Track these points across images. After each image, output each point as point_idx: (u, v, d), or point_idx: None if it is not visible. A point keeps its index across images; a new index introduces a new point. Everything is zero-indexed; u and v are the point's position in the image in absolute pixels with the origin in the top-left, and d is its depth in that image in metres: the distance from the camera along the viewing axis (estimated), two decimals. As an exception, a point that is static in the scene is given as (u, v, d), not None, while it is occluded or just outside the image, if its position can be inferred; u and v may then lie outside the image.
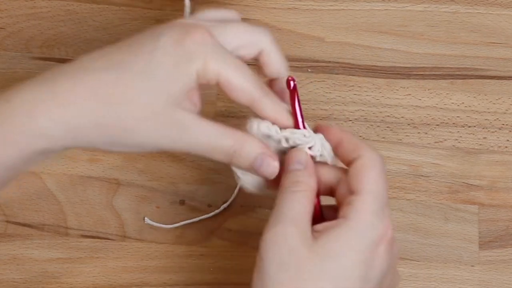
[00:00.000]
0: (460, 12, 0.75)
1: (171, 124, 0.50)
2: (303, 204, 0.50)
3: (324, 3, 0.76)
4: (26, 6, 0.75)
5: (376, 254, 0.49)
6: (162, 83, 0.49)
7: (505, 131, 0.71)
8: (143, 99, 0.49)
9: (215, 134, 0.51)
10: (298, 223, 0.49)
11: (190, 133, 0.50)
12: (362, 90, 0.72)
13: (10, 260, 0.66)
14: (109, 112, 0.49)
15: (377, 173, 0.50)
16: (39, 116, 0.49)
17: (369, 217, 0.49)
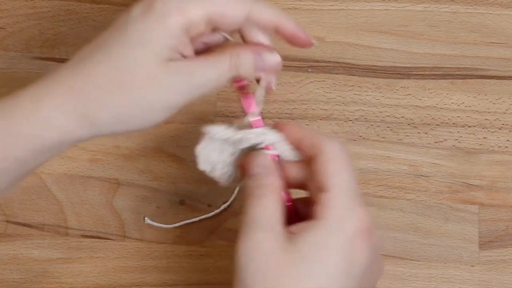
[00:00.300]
0: (460, 12, 0.75)
1: (170, 78, 0.50)
2: (271, 207, 0.49)
3: (324, 3, 0.76)
4: (26, 6, 0.75)
5: (354, 248, 0.48)
6: (145, 48, 0.49)
7: (505, 131, 0.71)
8: (133, 70, 0.49)
9: (210, 65, 0.51)
10: (269, 228, 0.48)
11: (189, 76, 0.50)
12: (362, 90, 0.72)
13: (10, 260, 0.66)
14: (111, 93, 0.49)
15: (339, 166, 0.50)
16: (47, 107, 0.49)
17: (340, 213, 0.48)
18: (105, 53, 0.50)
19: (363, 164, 0.69)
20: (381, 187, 0.69)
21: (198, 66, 0.51)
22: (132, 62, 0.49)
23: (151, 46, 0.49)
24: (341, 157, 0.50)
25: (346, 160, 0.50)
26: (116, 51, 0.50)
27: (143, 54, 0.49)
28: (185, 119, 0.70)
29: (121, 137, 0.70)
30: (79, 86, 0.49)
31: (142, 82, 0.49)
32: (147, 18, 0.50)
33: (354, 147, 0.70)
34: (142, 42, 0.49)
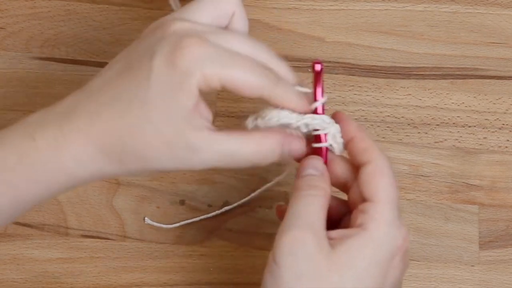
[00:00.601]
0: (460, 12, 0.75)
1: (186, 148, 0.49)
2: (319, 209, 0.49)
3: (324, 3, 0.76)
4: (26, 6, 0.75)
5: (392, 264, 0.48)
6: (165, 108, 0.48)
7: (505, 131, 0.71)
8: (151, 128, 0.48)
9: (231, 148, 0.50)
10: (315, 229, 0.48)
11: (204, 151, 0.49)
12: (362, 90, 0.72)
13: (10, 260, 0.66)
14: (123, 145, 0.49)
15: (389, 181, 0.50)
16: (65, 156, 0.49)
17: (387, 228, 0.48)
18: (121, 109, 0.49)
19: (363, 164, 0.69)
20: (381, 187, 0.69)
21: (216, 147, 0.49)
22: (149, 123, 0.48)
23: (171, 108, 0.48)
24: (390, 173, 0.50)
25: (393, 176, 0.50)
26: (132, 109, 0.49)
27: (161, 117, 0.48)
28: (185, 119, 0.70)
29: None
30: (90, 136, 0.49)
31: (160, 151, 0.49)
32: (169, 77, 0.48)
33: (354, 147, 0.70)
34: (161, 102, 0.48)
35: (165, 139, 0.49)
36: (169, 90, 0.48)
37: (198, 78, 0.48)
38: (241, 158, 0.50)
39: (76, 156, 0.49)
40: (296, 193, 0.50)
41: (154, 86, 0.48)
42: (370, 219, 0.48)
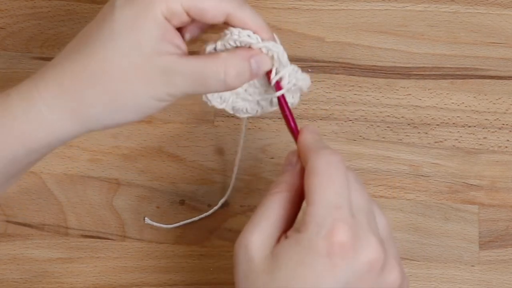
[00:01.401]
0: (460, 12, 0.75)
1: (156, 72, 0.50)
2: (275, 208, 0.49)
3: (324, 3, 0.76)
4: (26, 6, 0.75)
5: (326, 264, 0.46)
6: (131, 37, 0.49)
7: (505, 131, 0.71)
8: (122, 61, 0.49)
9: (201, 67, 0.50)
10: (261, 232, 0.48)
11: (178, 74, 0.50)
12: (362, 90, 0.72)
13: (10, 260, 0.66)
14: (99, 85, 0.49)
15: (321, 179, 0.48)
16: (37, 104, 0.49)
17: (312, 229, 0.47)
18: (91, 46, 0.50)
19: (363, 164, 0.69)
20: (381, 187, 0.69)
21: (187, 70, 0.50)
22: (118, 53, 0.49)
23: (137, 37, 0.49)
24: (326, 170, 0.48)
25: (332, 172, 0.48)
26: (101, 43, 0.50)
27: (128, 45, 0.49)
28: (185, 119, 0.70)
29: (121, 137, 0.70)
30: (68, 83, 0.49)
31: (131, 77, 0.49)
32: (131, 7, 0.50)
33: (354, 147, 0.70)
34: (127, 32, 0.50)
35: (136, 66, 0.49)
36: (133, 20, 0.50)
37: (159, 3, 0.49)
38: (213, 77, 0.50)
39: (49, 104, 0.49)
40: None
41: (119, 19, 0.50)
42: (303, 222, 0.48)
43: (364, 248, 0.47)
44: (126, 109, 0.50)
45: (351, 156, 0.70)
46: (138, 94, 0.50)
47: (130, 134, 0.70)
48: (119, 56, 0.49)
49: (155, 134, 0.70)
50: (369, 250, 0.47)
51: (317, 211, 0.47)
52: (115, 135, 0.70)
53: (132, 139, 0.70)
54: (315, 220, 0.47)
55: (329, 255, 0.46)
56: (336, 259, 0.46)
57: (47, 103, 0.49)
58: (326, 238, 0.46)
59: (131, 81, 0.50)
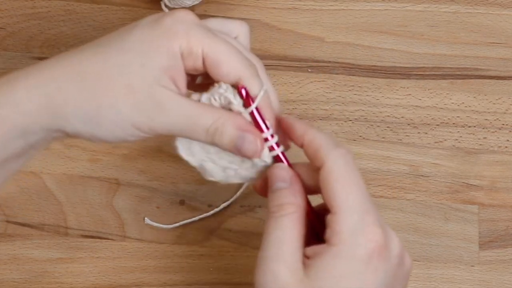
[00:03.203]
0: (460, 12, 0.75)
1: (148, 100, 0.48)
2: (290, 230, 0.48)
3: (324, 3, 0.76)
4: (26, 6, 0.75)
5: (369, 271, 0.47)
6: (138, 58, 0.48)
7: (505, 131, 0.71)
8: (119, 75, 0.48)
9: (194, 112, 0.49)
10: (286, 258, 0.47)
11: (168, 110, 0.48)
12: (362, 90, 0.72)
13: (10, 260, 0.66)
14: (85, 88, 0.48)
15: (343, 183, 0.47)
16: (18, 90, 0.48)
17: (349, 238, 0.46)
18: (96, 51, 0.49)
19: (363, 164, 0.69)
20: (381, 187, 0.69)
21: (178, 110, 0.48)
22: (119, 67, 0.48)
23: (145, 60, 0.48)
24: (346, 172, 0.48)
25: (352, 174, 0.48)
26: (107, 52, 0.49)
27: (133, 64, 0.48)
28: (185, 119, 0.70)
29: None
30: (56, 76, 0.48)
31: (120, 94, 0.48)
32: (152, 31, 0.49)
33: (354, 147, 0.70)
34: (137, 52, 0.48)
35: (131, 87, 0.48)
36: (148, 42, 0.48)
37: (181, 38, 0.48)
38: (199, 125, 0.49)
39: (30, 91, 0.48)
40: (268, 216, 0.49)
41: (134, 36, 0.49)
42: (333, 233, 0.47)
43: (392, 244, 0.48)
44: (102, 124, 0.48)
45: (351, 156, 0.70)
46: (119, 116, 0.48)
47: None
48: (118, 70, 0.48)
49: (155, 134, 0.70)
50: (396, 245, 0.48)
51: (348, 219, 0.47)
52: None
53: (132, 139, 0.70)
54: (349, 229, 0.47)
55: (370, 260, 0.47)
56: (376, 262, 0.47)
57: (28, 90, 0.48)
58: (364, 245, 0.47)
59: (119, 100, 0.48)
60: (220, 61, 0.49)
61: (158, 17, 0.49)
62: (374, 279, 0.47)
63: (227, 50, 0.49)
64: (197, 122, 0.49)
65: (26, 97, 0.48)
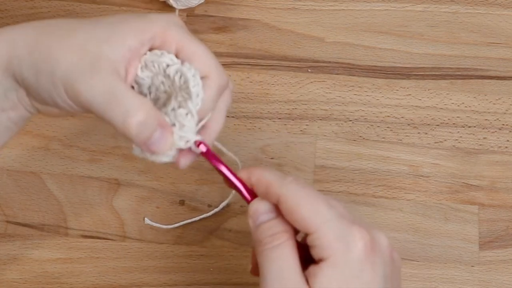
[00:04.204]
0: (460, 12, 0.75)
1: (88, 63, 0.48)
2: (291, 258, 0.48)
3: (324, 3, 0.76)
4: (26, 6, 0.75)
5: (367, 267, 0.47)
6: (110, 30, 0.49)
7: (505, 131, 0.71)
8: (82, 38, 0.48)
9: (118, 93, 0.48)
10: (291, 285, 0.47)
11: (99, 79, 0.48)
12: (362, 90, 0.72)
13: (10, 260, 0.66)
14: (46, 39, 0.49)
15: (306, 204, 0.48)
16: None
17: (337, 245, 0.47)
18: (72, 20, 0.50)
19: (363, 164, 0.69)
20: (381, 187, 0.69)
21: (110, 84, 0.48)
22: (84, 33, 0.49)
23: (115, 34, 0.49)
24: (303, 193, 0.48)
25: (309, 192, 0.48)
26: (82, 21, 0.50)
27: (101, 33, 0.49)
28: (185, 119, 0.70)
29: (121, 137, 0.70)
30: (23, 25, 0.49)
31: (70, 51, 0.48)
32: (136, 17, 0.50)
33: (354, 147, 0.70)
34: (112, 26, 0.49)
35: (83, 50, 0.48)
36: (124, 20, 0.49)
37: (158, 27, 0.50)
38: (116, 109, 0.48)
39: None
40: (260, 249, 0.49)
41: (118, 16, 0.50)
42: (320, 250, 0.47)
43: (379, 237, 0.49)
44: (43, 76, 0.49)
45: (351, 156, 0.70)
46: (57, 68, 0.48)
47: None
48: (82, 33, 0.49)
49: (155, 134, 0.70)
50: (382, 238, 0.49)
51: (329, 229, 0.47)
52: (115, 135, 0.70)
53: (132, 139, 0.70)
54: (335, 238, 0.47)
55: (365, 257, 0.47)
56: (372, 257, 0.47)
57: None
58: (355, 245, 0.47)
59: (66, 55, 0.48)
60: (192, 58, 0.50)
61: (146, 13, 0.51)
62: (375, 274, 0.48)
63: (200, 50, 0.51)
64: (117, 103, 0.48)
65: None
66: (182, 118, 0.50)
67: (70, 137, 0.70)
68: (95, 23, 0.50)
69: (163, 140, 0.50)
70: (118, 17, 0.50)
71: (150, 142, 0.50)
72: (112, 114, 0.48)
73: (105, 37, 0.49)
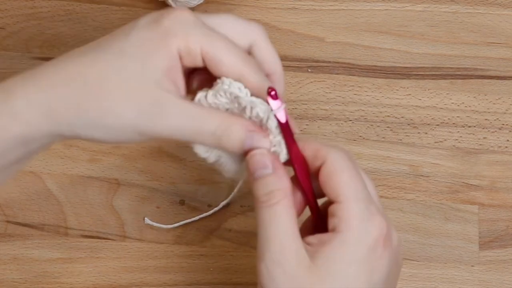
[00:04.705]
0: (460, 12, 0.75)
1: (150, 104, 0.48)
2: (287, 219, 0.48)
3: (324, 3, 0.76)
4: (26, 6, 0.75)
5: (374, 257, 0.47)
6: (138, 61, 0.48)
7: (505, 131, 0.71)
8: (119, 79, 0.47)
9: (198, 116, 0.48)
10: (291, 248, 0.47)
11: (170, 114, 0.48)
12: (362, 90, 0.72)
13: (10, 260, 0.66)
14: (86, 93, 0.47)
15: (349, 174, 0.48)
16: (16, 98, 0.47)
17: (358, 225, 0.47)
18: (95, 55, 0.48)
19: (363, 164, 0.69)
20: (381, 187, 0.69)
21: (181, 113, 0.48)
22: (118, 71, 0.48)
23: (144, 63, 0.48)
24: (347, 166, 0.49)
25: (353, 167, 0.49)
26: (106, 56, 0.48)
27: (132, 67, 0.48)
28: (185, 119, 0.70)
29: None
30: (55, 82, 0.48)
31: (121, 99, 0.47)
32: (150, 33, 0.48)
33: (354, 147, 0.70)
34: (136, 55, 0.48)
35: (130, 91, 0.47)
36: (147, 44, 0.48)
37: (179, 39, 0.48)
38: (204, 130, 0.48)
39: (29, 99, 0.47)
40: (257, 206, 0.49)
41: (133, 39, 0.48)
42: (339, 221, 0.47)
43: (393, 236, 0.49)
44: (103, 130, 0.48)
45: (351, 156, 0.70)
46: (120, 121, 0.48)
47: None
48: (118, 74, 0.48)
49: (155, 134, 0.70)
50: (395, 238, 0.49)
51: (356, 207, 0.48)
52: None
53: (132, 139, 0.70)
54: (357, 216, 0.47)
55: (375, 247, 0.47)
56: (381, 250, 0.48)
57: (27, 97, 0.47)
58: (371, 232, 0.47)
59: (120, 105, 0.48)
60: (220, 58, 0.49)
61: (156, 17, 0.49)
62: (380, 267, 0.48)
63: (226, 47, 0.49)
64: (202, 125, 0.49)
65: (25, 106, 0.47)
66: None
67: (70, 137, 0.70)
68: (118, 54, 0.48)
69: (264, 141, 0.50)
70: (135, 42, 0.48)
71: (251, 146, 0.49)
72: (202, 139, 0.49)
73: (139, 70, 0.48)
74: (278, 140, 0.50)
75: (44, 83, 0.48)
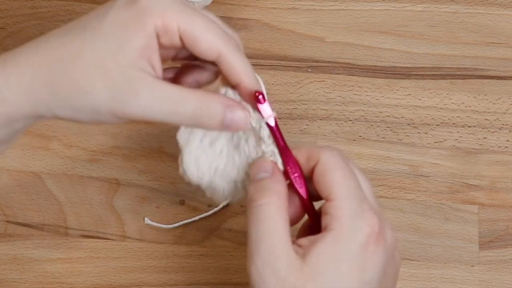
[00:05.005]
0: (460, 12, 0.75)
1: (124, 85, 0.47)
2: (276, 219, 0.48)
3: (324, 3, 0.76)
4: (26, 6, 0.75)
5: (367, 254, 0.47)
6: (114, 41, 0.48)
7: (505, 131, 0.71)
8: (96, 60, 0.47)
9: (173, 96, 0.48)
10: (281, 249, 0.47)
11: (143, 93, 0.48)
12: (362, 90, 0.72)
13: (10, 260, 0.66)
14: (62, 72, 0.48)
15: (340, 173, 0.48)
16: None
17: (349, 221, 0.47)
18: (72, 35, 0.48)
19: (363, 164, 0.69)
20: (381, 187, 0.69)
21: (156, 94, 0.48)
22: (94, 51, 0.48)
23: (120, 42, 0.48)
24: (339, 164, 0.49)
25: (345, 166, 0.49)
26: (84, 36, 0.48)
27: (109, 47, 0.48)
28: (185, 119, 0.70)
29: (121, 137, 0.70)
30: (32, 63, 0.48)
31: (97, 80, 0.47)
32: (127, 12, 0.48)
33: (354, 147, 0.70)
34: (112, 34, 0.48)
35: (105, 70, 0.47)
36: (123, 23, 0.48)
37: (156, 17, 0.48)
38: (181, 110, 0.48)
39: (11, 83, 0.48)
40: (249, 207, 0.48)
41: (110, 18, 0.48)
42: (331, 219, 0.47)
43: (387, 233, 0.49)
44: (80, 110, 0.48)
45: (351, 156, 0.70)
46: (96, 101, 0.48)
47: (130, 134, 0.70)
48: (93, 54, 0.48)
49: (155, 134, 0.70)
50: (390, 236, 0.49)
51: (348, 204, 0.48)
52: (115, 135, 0.70)
53: (132, 139, 0.70)
54: (349, 214, 0.47)
55: (367, 245, 0.47)
56: (373, 247, 0.47)
57: (5, 78, 0.48)
58: (363, 229, 0.47)
59: (96, 86, 0.47)
60: (198, 37, 0.49)
61: None
62: (372, 264, 0.47)
63: (205, 25, 0.49)
64: (178, 106, 0.48)
65: (5, 86, 0.48)
66: None
67: (70, 137, 0.70)
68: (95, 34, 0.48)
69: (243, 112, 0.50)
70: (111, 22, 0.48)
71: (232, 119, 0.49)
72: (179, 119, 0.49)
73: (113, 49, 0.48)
74: (271, 149, 0.51)
75: (23, 64, 0.48)
